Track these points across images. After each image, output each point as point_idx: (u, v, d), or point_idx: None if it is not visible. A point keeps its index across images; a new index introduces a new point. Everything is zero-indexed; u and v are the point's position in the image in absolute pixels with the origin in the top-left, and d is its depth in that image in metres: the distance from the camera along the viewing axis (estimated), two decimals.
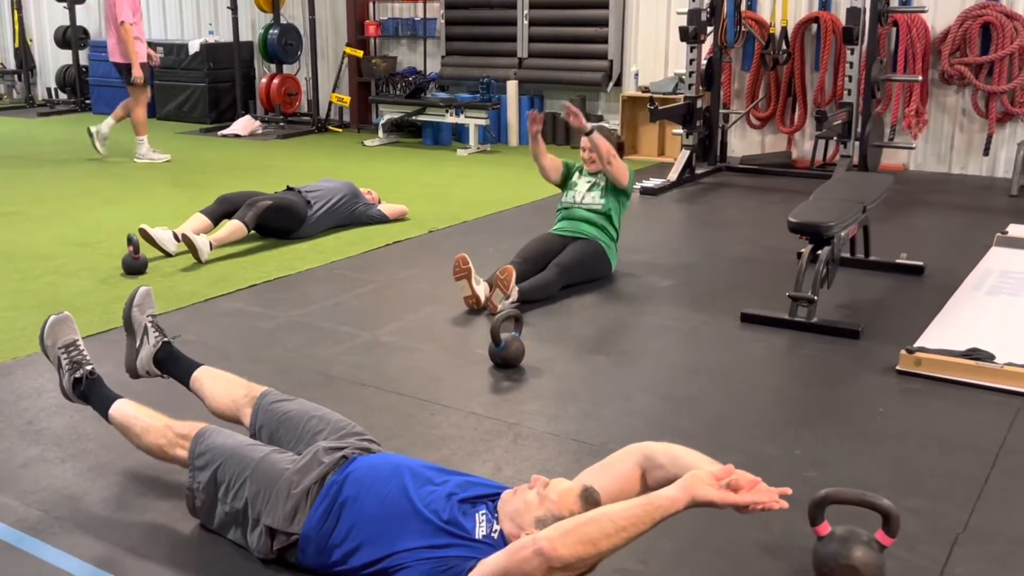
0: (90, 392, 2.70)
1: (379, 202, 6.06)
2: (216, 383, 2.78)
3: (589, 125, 4.71)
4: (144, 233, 4.93)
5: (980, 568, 2.32)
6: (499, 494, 2.18)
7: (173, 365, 2.87)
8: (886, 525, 2.19)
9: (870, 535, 2.20)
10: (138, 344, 2.89)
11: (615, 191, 4.80)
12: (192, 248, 4.90)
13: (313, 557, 2.22)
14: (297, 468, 2.31)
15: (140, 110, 8.14)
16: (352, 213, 5.81)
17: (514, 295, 4.23)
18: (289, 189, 5.72)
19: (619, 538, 1.87)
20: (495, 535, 2.07)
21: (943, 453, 2.94)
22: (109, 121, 8.22)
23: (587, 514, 1.93)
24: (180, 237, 4.98)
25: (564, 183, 4.96)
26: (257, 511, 2.29)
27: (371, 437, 2.54)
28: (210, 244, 4.97)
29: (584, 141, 4.78)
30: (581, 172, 4.93)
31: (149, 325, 2.90)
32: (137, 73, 7.97)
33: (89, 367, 2.73)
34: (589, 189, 4.83)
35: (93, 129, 8.19)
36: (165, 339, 2.90)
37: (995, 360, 3.47)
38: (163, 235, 5.01)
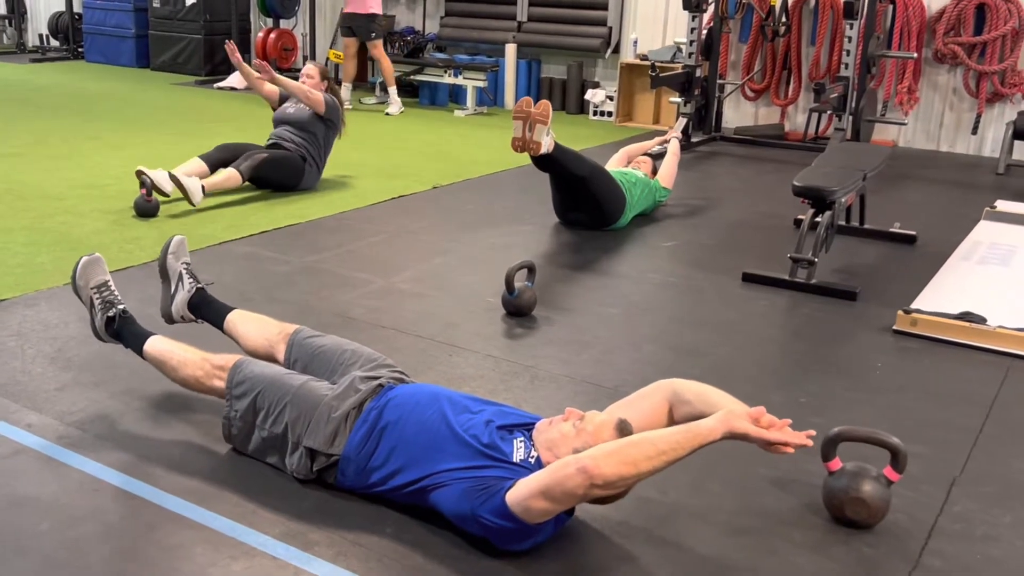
0: (123, 330, 2.78)
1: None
2: (249, 324, 2.86)
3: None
4: (141, 173, 4.87)
5: (976, 507, 2.48)
6: (534, 424, 2.30)
7: (207, 309, 2.96)
8: (894, 461, 2.34)
9: (879, 471, 2.35)
10: (173, 290, 2.98)
11: (652, 198, 5.37)
12: (184, 191, 4.89)
13: (352, 478, 2.34)
14: (335, 394, 2.42)
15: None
16: (327, 139, 5.66)
17: (551, 142, 4.64)
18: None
19: (659, 461, 1.99)
20: (532, 460, 2.19)
21: (939, 405, 3.10)
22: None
23: (630, 438, 2.05)
24: (172, 179, 4.91)
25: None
26: (297, 435, 2.39)
27: (401, 370, 2.65)
28: (203, 188, 4.97)
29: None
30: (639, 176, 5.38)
31: (184, 271, 2.99)
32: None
33: (121, 306, 2.80)
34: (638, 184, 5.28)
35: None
36: (199, 285, 2.99)
37: (987, 323, 3.63)
38: (160, 176, 4.92)
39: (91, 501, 2.33)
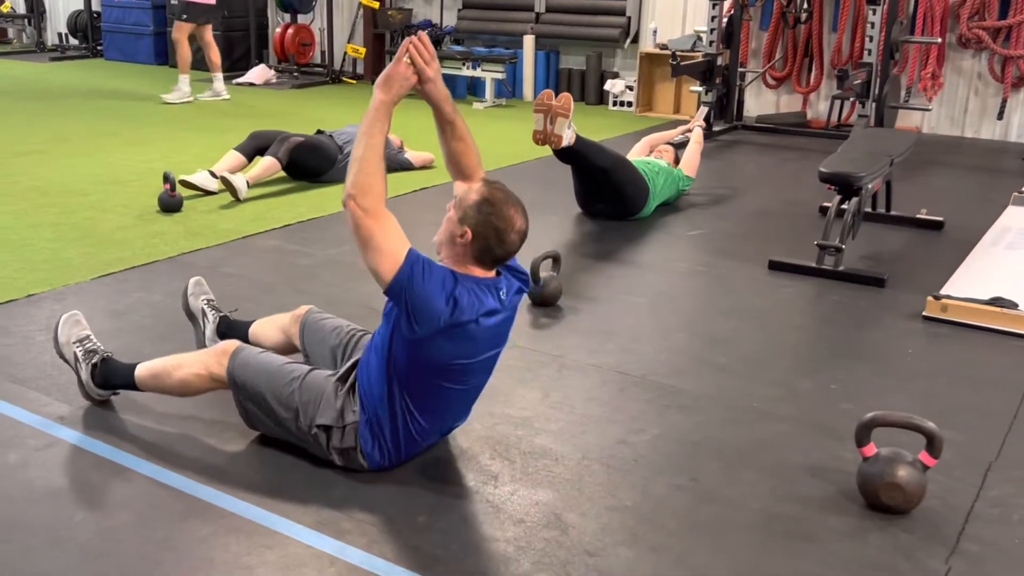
0: (109, 370, 2.70)
1: (402, 147, 6.12)
2: (266, 326, 2.93)
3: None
4: (185, 183, 5.01)
5: (1013, 491, 2.45)
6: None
7: (233, 333, 3.00)
8: (930, 446, 2.31)
9: (914, 456, 2.33)
10: (202, 327, 3.06)
11: (675, 187, 5.33)
12: (231, 188, 4.99)
13: (371, 441, 2.37)
14: (340, 375, 2.47)
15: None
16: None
17: (572, 135, 4.66)
18: (320, 132, 5.79)
19: (365, 145, 2.28)
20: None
21: (972, 390, 3.07)
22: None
23: None
24: (218, 176, 5.06)
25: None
26: (310, 417, 2.41)
27: None
28: (247, 182, 5.05)
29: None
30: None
31: (205, 307, 3.08)
32: None
33: (105, 352, 2.74)
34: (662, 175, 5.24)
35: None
36: (222, 314, 3.06)
37: (1018, 308, 3.59)
38: (201, 178, 5.09)
39: (124, 491, 2.34)
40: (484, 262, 2.36)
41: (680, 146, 5.80)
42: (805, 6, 8.06)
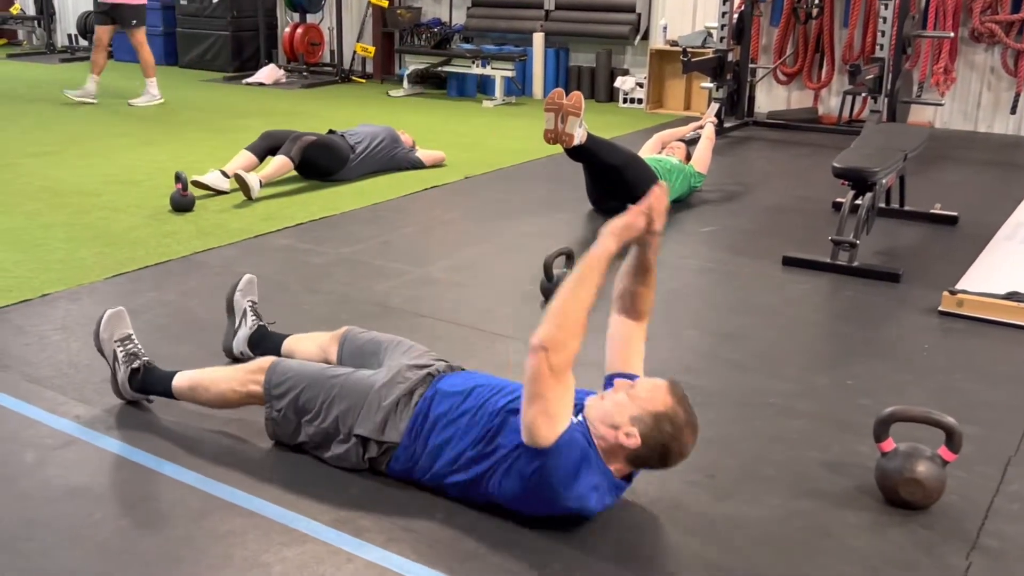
0: (148, 377, 2.71)
1: (414, 146, 6.13)
2: (303, 341, 2.90)
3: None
4: (197, 183, 5.02)
5: None
6: (581, 401, 2.28)
7: (265, 344, 2.99)
8: (949, 441, 2.30)
9: (933, 451, 2.31)
10: (236, 326, 3.04)
11: (687, 184, 5.28)
12: (244, 186, 5.00)
13: (404, 464, 2.34)
14: (384, 383, 2.41)
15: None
16: (392, 158, 5.88)
17: (584, 133, 4.62)
18: (331, 132, 5.80)
19: (576, 297, 2.13)
20: (576, 420, 2.19)
21: (989, 385, 3.05)
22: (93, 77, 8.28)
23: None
24: (231, 175, 5.08)
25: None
26: (348, 425, 2.38)
27: (447, 360, 2.64)
28: (259, 181, 5.07)
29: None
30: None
31: (248, 309, 3.05)
32: None
33: (146, 358, 2.75)
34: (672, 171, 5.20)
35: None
36: (261, 323, 3.04)
37: None
38: (213, 178, 5.11)
39: (142, 490, 2.35)
40: (635, 465, 2.22)
41: (691, 143, 5.79)
42: (816, 1, 8.03)
